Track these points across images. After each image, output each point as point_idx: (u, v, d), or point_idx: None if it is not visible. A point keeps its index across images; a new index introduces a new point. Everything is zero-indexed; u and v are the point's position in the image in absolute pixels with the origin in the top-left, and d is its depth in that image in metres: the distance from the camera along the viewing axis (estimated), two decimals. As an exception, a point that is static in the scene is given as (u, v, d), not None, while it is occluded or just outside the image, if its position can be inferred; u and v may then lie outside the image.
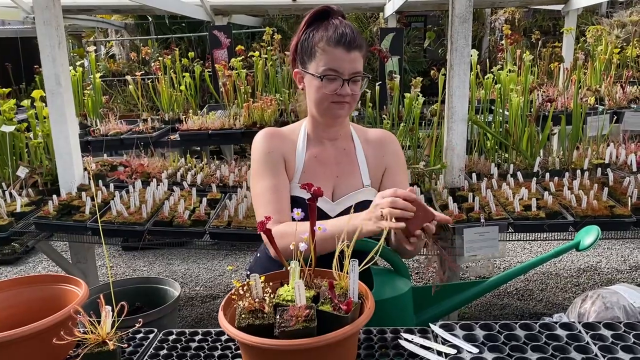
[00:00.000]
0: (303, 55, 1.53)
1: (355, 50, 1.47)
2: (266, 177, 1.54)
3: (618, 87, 4.10)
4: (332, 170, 1.60)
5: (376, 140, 1.67)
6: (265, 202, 1.51)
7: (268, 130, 1.62)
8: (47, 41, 2.70)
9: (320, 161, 1.60)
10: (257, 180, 1.56)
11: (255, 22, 7.46)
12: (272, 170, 1.55)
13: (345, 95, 1.48)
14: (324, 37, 1.47)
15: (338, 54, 1.45)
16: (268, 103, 3.79)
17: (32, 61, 5.47)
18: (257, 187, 1.55)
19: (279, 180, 1.54)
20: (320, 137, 1.62)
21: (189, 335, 1.29)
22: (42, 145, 3.23)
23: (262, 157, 1.56)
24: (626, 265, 4.06)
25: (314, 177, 1.57)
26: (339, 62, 1.46)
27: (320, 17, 1.52)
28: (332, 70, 1.46)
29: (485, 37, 8.18)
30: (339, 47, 1.45)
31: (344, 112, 1.53)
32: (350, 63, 1.46)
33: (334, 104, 1.50)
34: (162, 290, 2.84)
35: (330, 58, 1.46)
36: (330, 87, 1.47)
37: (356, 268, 1.08)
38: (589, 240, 1.40)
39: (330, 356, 1.03)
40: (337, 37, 1.45)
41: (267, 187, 1.53)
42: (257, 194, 1.55)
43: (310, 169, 1.59)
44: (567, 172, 2.86)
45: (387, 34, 4.50)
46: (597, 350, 1.14)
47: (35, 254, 4.63)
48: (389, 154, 1.65)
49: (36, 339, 1.09)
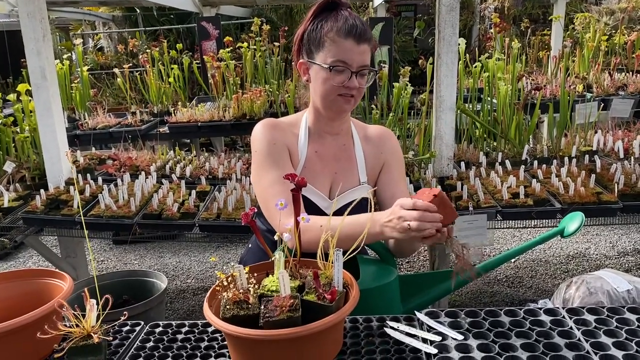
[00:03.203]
0: (310, 45, 1.48)
1: (364, 43, 1.44)
2: (271, 170, 1.47)
3: (606, 74, 4.12)
4: (331, 167, 1.58)
5: (375, 137, 1.66)
6: (273, 195, 1.43)
7: (268, 120, 1.56)
8: (32, 34, 2.67)
9: (321, 157, 1.58)
10: (262, 173, 1.49)
11: (244, 12, 7.41)
12: (277, 162, 1.48)
13: (352, 88, 1.45)
14: (333, 28, 1.43)
15: (348, 45, 1.42)
16: (257, 94, 3.78)
17: (18, 55, 5.40)
18: (263, 180, 1.49)
19: (284, 170, 1.46)
20: (321, 132, 1.59)
21: (175, 328, 1.29)
22: (29, 139, 3.21)
23: (265, 148, 1.50)
24: (614, 252, 4.10)
25: (314, 173, 1.54)
26: (349, 54, 1.42)
27: (329, 7, 1.48)
28: (341, 61, 1.42)
29: (475, 26, 8.16)
30: (349, 38, 1.42)
31: (349, 106, 1.50)
32: (359, 55, 1.43)
33: (340, 97, 1.47)
34: (149, 283, 2.84)
35: (339, 49, 1.42)
36: (338, 78, 1.44)
37: (340, 257, 1.08)
38: (573, 227, 1.41)
39: (315, 345, 1.04)
40: (347, 29, 1.42)
41: (273, 180, 1.46)
42: (265, 188, 1.48)
43: (311, 164, 1.56)
44: (555, 159, 2.87)
45: (376, 23, 4.48)
46: (580, 335, 1.15)
47: (25, 249, 4.61)
48: (387, 150, 1.64)
49: (20, 333, 1.09)
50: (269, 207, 1.46)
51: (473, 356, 1.09)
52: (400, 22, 8.29)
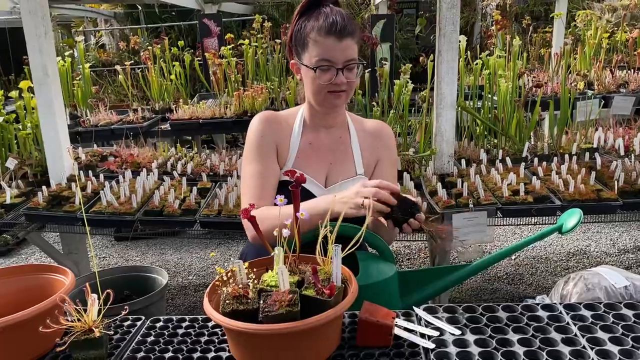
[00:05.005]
0: (297, 46, 1.53)
1: (347, 38, 1.46)
2: (254, 162, 1.57)
3: (607, 71, 4.12)
4: (326, 157, 1.61)
5: (372, 131, 1.68)
6: (249, 187, 1.55)
7: (265, 114, 1.63)
8: (33, 31, 2.67)
9: (315, 148, 1.61)
10: (245, 163, 1.60)
11: (245, 9, 7.41)
12: (261, 156, 1.57)
13: (340, 84, 1.48)
14: (314, 27, 1.46)
15: (329, 43, 1.44)
16: (259, 91, 3.79)
17: (20, 52, 5.41)
18: (245, 170, 1.60)
19: (266, 166, 1.56)
20: (316, 124, 1.63)
21: (176, 322, 1.31)
22: (31, 136, 3.22)
23: (254, 141, 1.58)
24: (615, 249, 4.10)
25: (308, 163, 1.59)
26: (331, 52, 1.45)
27: (312, 5, 1.51)
28: (325, 60, 1.46)
29: (476, 23, 8.15)
30: (330, 36, 1.44)
31: (341, 101, 1.53)
32: (342, 51, 1.45)
33: (330, 93, 1.50)
34: (150, 279, 2.85)
35: (322, 48, 1.45)
36: (324, 77, 1.47)
37: (339, 253, 1.09)
38: (571, 223, 1.42)
39: (314, 340, 1.05)
40: (327, 27, 1.44)
41: (252, 172, 1.56)
42: (244, 177, 1.59)
43: (304, 154, 1.60)
44: (555, 157, 2.88)
45: (378, 20, 4.48)
46: (577, 330, 1.16)
47: (27, 245, 4.63)
48: (382, 147, 1.66)
49: (23, 327, 1.10)
50: (242, 198, 1.59)
51: (470, 351, 1.10)
52: (401, 19, 8.28)
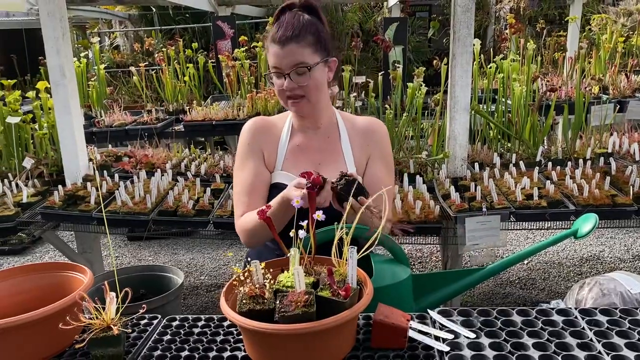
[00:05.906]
0: None
1: (290, 43, 1.47)
2: (242, 169, 1.62)
3: (622, 76, 4.08)
4: (314, 158, 1.63)
5: (363, 128, 1.68)
6: (237, 193, 1.62)
7: (255, 120, 1.68)
8: (51, 33, 2.71)
9: (303, 149, 1.64)
10: (235, 170, 1.66)
11: (258, 12, 7.45)
12: (247, 163, 1.62)
13: (292, 89, 1.50)
14: (268, 37, 1.53)
15: (275, 50, 1.49)
16: (271, 94, 3.80)
17: (36, 53, 5.48)
18: (235, 176, 1.66)
19: (252, 173, 1.61)
20: (302, 127, 1.66)
21: (191, 322, 1.32)
22: (47, 136, 3.26)
23: (242, 148, 1.64)
24: (629, 255, 4.06)
25: (296, 165, 1.61)
26: (277, 59, 1.49)
27: (280, 14, 1.56)
28: (274, 67, 1.51)
29: (490, 27, 8.13)
30: (275, 44, 1.49)
31: (299, 107, 1.55)
32: (286, 57, 1.48)
33: (289, 99, 1.54)
34: (166, 278, 2.87)
35: (271, 56, 1.51)
36: (277, 83, 1.53)
37: (354, 255, 1.10)
38: (586, 228, 1.41)
39: (329, 340, 1.06)
40: (273, 35, 1.50)
41: (241, 180, 1.62)
42: (235, 184, 1.66)
43: (292, 156, 1.63)
44: (569, 161, 2.86)
45: (391, 23, 4.49)
46: (593, 336, 1.16)
47: (42, 244, 4.68)
48: (372, 143, 1.66)
49: (43, 324, 1.12)
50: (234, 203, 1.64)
51: (485, 354, 1.10)
52: (414, 22, 8.28)
